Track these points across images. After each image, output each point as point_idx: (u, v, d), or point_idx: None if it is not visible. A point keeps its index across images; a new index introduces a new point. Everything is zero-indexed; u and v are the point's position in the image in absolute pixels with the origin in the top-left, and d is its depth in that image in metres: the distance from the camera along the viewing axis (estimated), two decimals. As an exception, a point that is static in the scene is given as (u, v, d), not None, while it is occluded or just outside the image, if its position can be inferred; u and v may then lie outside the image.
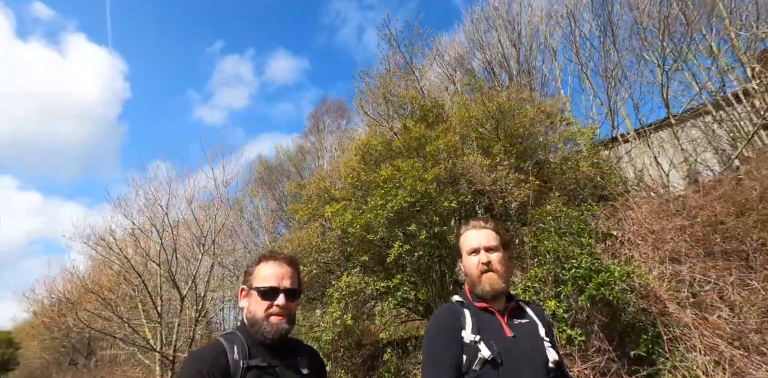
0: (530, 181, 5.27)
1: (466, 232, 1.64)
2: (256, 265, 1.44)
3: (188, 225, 10.96)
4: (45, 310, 15.61)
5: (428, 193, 5.00)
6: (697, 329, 3.73)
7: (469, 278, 1.58)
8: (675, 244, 4.55)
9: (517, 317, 1.55)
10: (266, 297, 1.34)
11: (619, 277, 3.97)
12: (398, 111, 6.81)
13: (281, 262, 1.42)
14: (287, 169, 20.13)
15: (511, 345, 1.43)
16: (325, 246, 5.81)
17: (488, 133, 5.82)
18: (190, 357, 1.28)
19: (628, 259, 4.58)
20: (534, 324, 1.55)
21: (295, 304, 1.41)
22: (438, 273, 5.58)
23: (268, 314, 1.33)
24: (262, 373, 1.27)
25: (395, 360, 6.16)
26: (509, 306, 1.56)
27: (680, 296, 4.03)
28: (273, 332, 1.31)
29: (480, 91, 6.27)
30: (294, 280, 1.41)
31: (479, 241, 1.56)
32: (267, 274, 1.38)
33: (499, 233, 1.61)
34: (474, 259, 1.55)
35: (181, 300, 9.95)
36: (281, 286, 1.36)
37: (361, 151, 6.54)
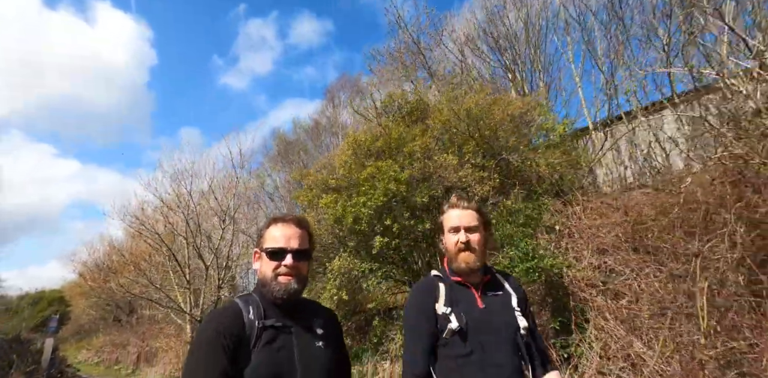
0: (492, 178, 6.16)
1: (449, 210, 1.71)
2: (266, 228, 1.48)
3: (210, 203, 12.31)
4: (89, 272, 17.76)
5: (400, 192, 5.98)
6: (601, 312, 4.68)
7: (447, 254, 1.67)
8: (607, 238, 5.41)
9: (491, 290, 1.65)
10: (274, 257, 1.38)
11: (548, 267, 4.93)
12: (386, 108, 7.65)
13: (290, 223, 1.46)
14: (304, 143, 21.25)
15: (481, 315, 1.54)
16: (320, 232, 6.94)
17: (461, 133, 6.66)
18: (208, 317, 1.36)
19: (565, 249, 5.48)
20: (507, 295, 1.65)
21: (305, 264, 1.44)
22: (413, 257, 6.67)
23: (276, 274, 1.37)
24: (276, 332, 1.33)
25: (381, 326, 7.42)
26: (484, 279, 1.66)
27: (597, 283, 4.96)
28: (282, 291, 1.35)
29: (454, 97, 7.00)
30: (303, 240, 1.44)
31: (460, 221, 1.63)
32: (276, 235, 1.42)
33: (481, 213, 1.69)
34: (453, 238, 1.63)
35: (206, 269, 11.46)
36: (289, 246, 1.39)
37: (352, 146, 7.50)
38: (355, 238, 6.48)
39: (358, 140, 7.47)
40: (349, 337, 8.36)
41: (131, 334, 16.99)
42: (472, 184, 6.13)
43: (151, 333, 14.68)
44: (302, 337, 1.36)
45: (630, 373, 4.04)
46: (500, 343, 1.51)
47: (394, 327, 7.24)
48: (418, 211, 6.33)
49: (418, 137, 6.60)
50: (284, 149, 22.18)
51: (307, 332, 1.39)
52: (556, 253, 5.36)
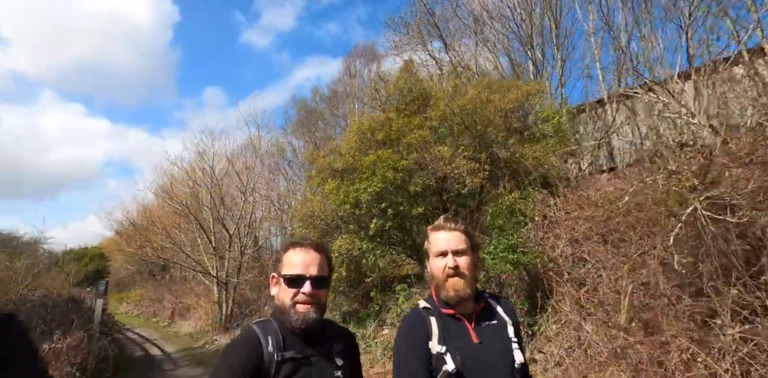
0: (483, 170, 6.76)
1: (435, 233, 1.59)
2: (284, 252, 1.45)
3: (232, 178, 13.30)
4: (125, 231, 19.47)
5: (396, 180, 6.67)
6: (563, 297, 5.38)
7: (435, 281, 1.56)
8: (581, 229, 6.00)
9: (485, 319, 1.55)
10: (292, 284, 1.35)
11: (527, 261, 5.64)
12: (389, 98, 8.16)
13: (308, 248, 1.42)
14: (322, 112, 21.83)
15: (477, 352, 1.45)
16: (325, 214, 7.77)
17: (457, 125, 7.18)
18: (226, 350, 1.32)
19: (542, 238, 6.12)
20: (502, 324, 1.56)
21: (324, 291, 1.41)
22: (411, 236, 7.49)
23: (295, 302, 1.34)
24: (296, 365, 1.30)
25: (381, 297, 8.37)
26: (476, 308, 1.56)
27: (565, 271, 5.63)
28: (301, 321, 1.32)
29: (453, 90, 7.43)
30: (322, 266, 1.41)
31: (447, 244, 1.52)
32: (294, 261, 1.39)
33: (469, 235, 1.58)
34: (441, 262, 1.52)
35: (229, 237, 12.64)
36: (308, 273, 1.36)
37: (357, 133, 8.13)
38: (355, 221, 7.27)
39: (362, 128, 8.09)
40: (356, 303, 9.39)
41: (165, 291, 18.87)
42: (464, 175, 6.75)
43: (183, 291, 16.37)
44: (322, 369, 1.35)
45: (577, 353, 4.80)
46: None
47: (392, 297, 8.16)
48: (412, 197, 7.03)
49: (416, 129, 7.16)
50: (304, 117, 22.82)
51: (326, 362, 1.37)
52: (535, 247, 6.01)
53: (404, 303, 7.21)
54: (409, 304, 7.21)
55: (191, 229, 13.50)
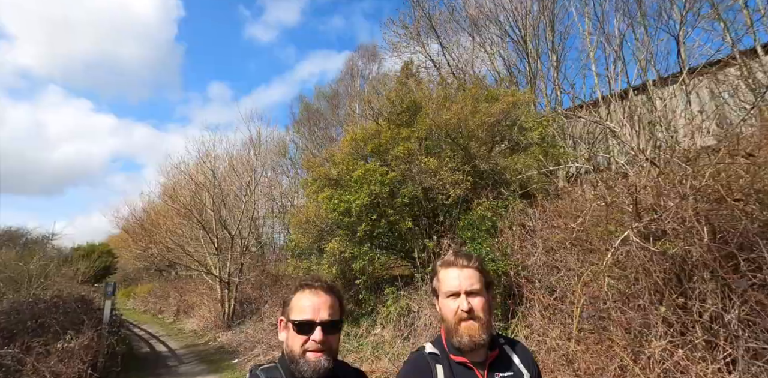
0: (466, 181, 7.20)
1: (445, 270, 1.46)
2: (293, 295, 1.37)
3: (233, 181, 13.83)
4: (132, 228, 20.16)
5: (383, 193, 7.14)
6: (533, 304, 5.85)
7: (445, 324, 1.42)
8: (556, 237, 6.43)
9: (499, 369, 1.41)
10: (302, 331, 1.28)
11: (502, 268, 6.10)
12: (381, 109, 8.60)
13: (318, 291, 1.35)
14: (323, 112, 22.30)
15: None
16: (318, 221, 8.27)
17: (442, 138, 7.62)
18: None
19: (520, 247, 6.57)
20: (519, 376, 1.41)
21: (335, 337, 1.33)
22: (395, 242, 8.00)
23: (305, 350, 1.27)
24: None
25: (372, 297, 8.88)
26: (490, 356, 1.42)
27: (536, 279, 6.09)
28: (311, 371, 1.24)
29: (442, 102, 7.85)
30: (334, 310, 1.33)
31: (460, 284, 1.39)
32: (303, 305, 1.31)
33: (483, 273, 1.45)
34: (453, 304, 1.38)
35: (231, 238, 13.19)
36: (318, 318, 1.28)
37: (350, 143, 8.59)
38: (344, 227, 7.76)
39: (355, 138, 8.55)
40: (351, 304, 9.92)
41: (171, 288, 19.55)
42: (448, 187, 7.20)
43: (188, 289, 17.01)
44: None
45: (540, 356, 5.27)
46: None
47: (380, 300, 8.65)
48: (399, 207, 7.49)
49: (404, 141, 7.61)
50: (306, 116, 23.32)
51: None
52: (506, 256, 6.47)
53: (391, 305, 7.71)
54: (397, 306, 7.72)
55: (194, 229, 14.08)
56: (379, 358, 6.98)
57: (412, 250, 7.61)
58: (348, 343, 8.17)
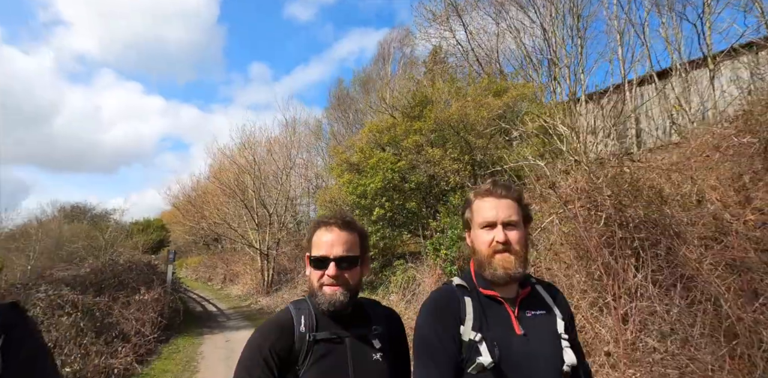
0: (466, 170, 8.45)
1: (480, 200, 1.35)
2: (312, 232, 1.41)
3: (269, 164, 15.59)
4: (182, 206, 22.64)
5: (393, 179, 8.52)
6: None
7: (477, 256, 1.33)
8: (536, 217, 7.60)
9: (530, 308, 1.32)
10: (318, 266, 1.33)
11: None
12: (396, 103, 9.88)
13: (332, 227, 1.36)
14: (355, 98, 23.62)
15: (519, 346, 1.23)
16: (340, 201, 9.80)
17: (447, 131, 8.85)
18: (257, 331, 1.32)
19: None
20: (552, 316, 1.33)
21: (353, 272, 1.33)
22: (404, 223, 9.41)
23: (321, 284, 1.31)
24: (329, 346, 1.28)
25: (387, 269, 10.40)
26: (521, 293, 1.34)
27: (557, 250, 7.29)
28: (328, 303, 1.28)
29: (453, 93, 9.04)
30: (349, 245, 1.34)
31: (497, 214, 1.29)
32: (319, 241, 1.35)
33: (521, 204, 1.34)
34: (487, 236, 1.29)
35: (269, 216, 15.03)
36: (332, 254, 1.31)
37: (368, 134, 9.97)
38: (360, 208, 9.25)
39: (373, 129, 9.92)
40: (371, 274, 11.51)
41: (218, 259, 21.99)
42: (449, 174, 8.49)
43: (232, 260, 19.28)
44: (358, 350, 1.30)
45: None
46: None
47: (393, 271, 10.12)
48: (407, 192, 8.87)
49: (415, 133, 8.90)
50: (340, 100, 24.73)
51: (363, 344, 1.32)
52: None
53: (400, 275, 9.18)
54: (405, 275, 9.17)
55: (237, 206, 16.06)
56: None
57: (418, 229, 9.01)
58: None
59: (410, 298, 8.44)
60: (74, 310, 6.82)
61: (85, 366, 5.87)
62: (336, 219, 1.38)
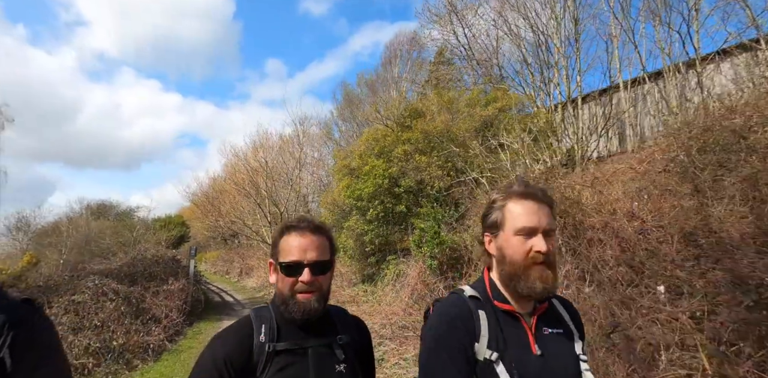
0: (448, 176, 9.68)
1: (518, 201, 1.21)
2: (279, 237, 1.35)
3: (281, 166, 17.01)
4: (201, 203, 24.35)
5: (385, 184, 9.81)
6: (480, 266, 8.25)
7: (507, 267, 1.19)
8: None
9: (548, 325, 1.23)
10: (290, 273, 1.27)
11: (449, 242, 8.63)
12: (388, 114, 11.13)
13: (304, 231, 1.31)
14: (363, 99, 24.87)
15: (536, 368, 1.13)
16: (341, 202, 11.13)
17: (433, 141, 10.08)
18: (213, 340, 1.27)
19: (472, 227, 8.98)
20: (569, 335, 1.25)
21: (326, 277, 1.32)
22: (396, 223, 10.70)
23: (294, 292, 1.26)
24: (290, 357, 1.24)
25: (384, 264, 11.71)
26: (539, 308, 1.24)
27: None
28: (301, 312, 1.25)
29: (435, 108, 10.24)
30: (321, 250, 1.31)
31: (539, 220, 1.16)
32: (290, 246, 1.29)
33: (554, 211, 1.22)
34: (525, 244, 1.16)
35: (280, 214, 16.49)
36: (305, 259, 1.26)
37: (366, 141, 11.26)
38: (357, 209, 10.57)
39: (369, 138, 11.20)
40: (371, 268, 12.85)
41: (235, 254, 23.68)
42: (434, 180, 9.72)
43: (248, 254, 20.89)
44: (321, 361, 1.26)
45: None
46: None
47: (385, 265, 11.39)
48: (398, 196, 10.14)
49: (402, 144, 10.15)
50: (348, 102, 26.02)
51: (327, 354, 1.28)
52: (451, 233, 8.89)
53: (393, 269, 10.48)
54: (397, 269, 10.47)
55: (251, 205, 17.57)
56: (379, 304, 9.87)
57: (407, 228, 10.29)
58: (365, 297, 11.14)
59: (399, 288, 9.74)
60: (116, 296, 8.35)
61: (128, 341, 7.37)
62: (307, 222, 1.35)
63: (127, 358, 7.07)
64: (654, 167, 5.94)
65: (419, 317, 7.56)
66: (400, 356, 6.53)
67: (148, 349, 7.61)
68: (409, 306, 8.39)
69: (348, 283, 12.63)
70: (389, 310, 8.96)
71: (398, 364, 6.33)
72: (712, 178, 5.23)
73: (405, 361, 6.37)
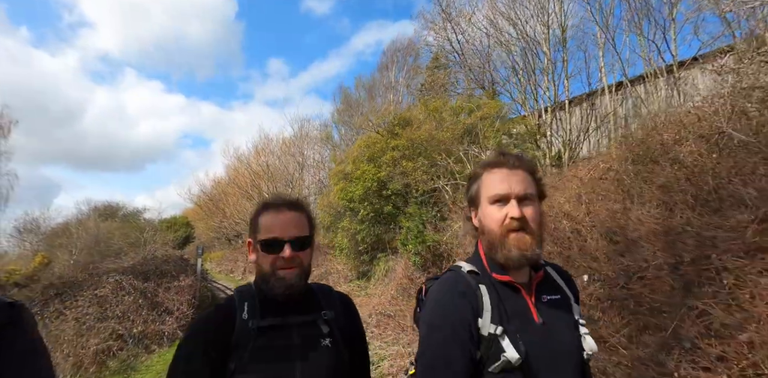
0: (431, 180, 10.76)
1: (490, 171, 1.23)
2: (257, 216, 1.37)
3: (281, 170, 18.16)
4: (204, 204, 25.59)
5: (374, 187, 10.90)
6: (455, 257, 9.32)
7: (487, 237, 1.21)
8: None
9: (546, 292, 1.25)
10: (270, 249, 1.29)
11: (430, 241, 9.70)
12: (380, 122, 12.22)
13: (282, 208, 1.34)
14: (361, 102, 25.97)
15: (539, 337, 1.15)
16: (337, 205, 12.24)
17: (418, 148, 11.16)
18: (196, 320, 1.31)
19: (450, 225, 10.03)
20: (566, 300, 1.28)
21: (306, 252, 1.33)
22: (385, 223, 11.80)
23: (275, 268, 1.28)
24: (275, 333, 1.26)
25: (377, 261, 12.81)
26: (536, 277, 1.25)
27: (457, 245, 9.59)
28: (283, 287, 1.27)
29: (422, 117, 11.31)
30: (301, 226, 1.33)
31: (510, 186, 1.17)
32: (268, 224, 1.32)
33: (535, 177, 1.23)
34: (499, 212, 1.17)
35: (281, 215, 17.71)
36: (285, 236, 1.28)
37: (358, 147, 12.36)
38: (350, 210, 11.66)
39: (361, 145, 12.30)
40: (366, 264, 13.94)
41: (238, 254, 24.86)
42: (418, 184, 10.80)
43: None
44: (305, 337, 1.29)
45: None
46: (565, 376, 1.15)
47: (377, 262, 12.47)
48: (387, 197, 11.23)
49: (391, 151, 11.24)
50: (346, 106, 27.11)
51: (311, 329, 1.31)
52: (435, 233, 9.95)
53: (383, 265, 11.57)
54: (386, 265, 11.56)
55: (254, 206, 18.74)
56: (370, 297, 10.96)
57: (396, 228, 11.39)
58: (359, 292, 12.24)
59: (387, 283, 10.83)
60: (134, 291, 9.51)
61: (146, 329, 8.52)
62: (283, 200, 1.38)
63: (145, 343, 8.22)
64: (596, 175, 7.00)
65: (402, 307, 8.66)
66: (382, 339, 7.62)
67: (163, 336, 8.75)
68: (393, 298, 9.46)
69: (344, 280, 13.73)
70: (377, 301, 10.04)
71: (380, 346, 7.41)
72: (639, 186, 6.29)
73: (386, 343, 7.46)
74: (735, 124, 5.76)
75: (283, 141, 19.22)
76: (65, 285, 9.69)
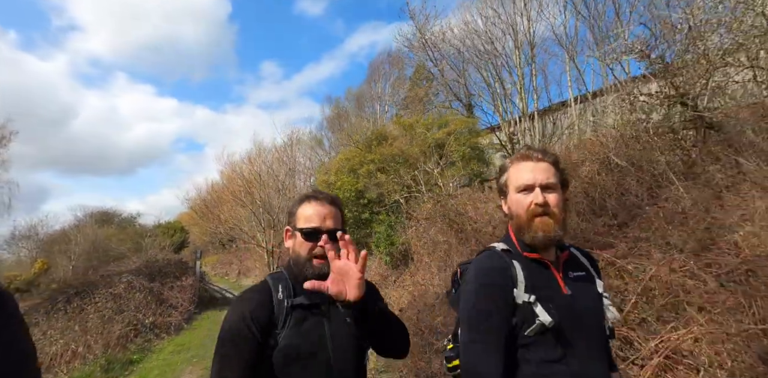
0: (402, 190, 12.57)
1: (518, 164, 1.45)
2: (298, 206, 1.54)
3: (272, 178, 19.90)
4: (199, 209, 27.27)
5: (352, 197, 12.70)
6: (421, 262, 11.14)
7: (515, 221, 1.44)
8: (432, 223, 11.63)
9: (572, 269, 1.46)
10: (309, 238, 1.45)
11: (398, 243, 11.48)
12: (359, 137, 14.00)
13: (323, 201, 1.52)
14: (349, 113, 27.79)
15: (567, 305, 1.34)
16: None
17: (390, 162, 12.96)
18: (237, 300, 1.45)
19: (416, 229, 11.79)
20: (590, 277, 1.48)
21: (337, 246, 1.41)
22: (363, 227, 13.59)
23: (311, 256, 1.45)
24: (306, 311, 1.42)
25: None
26: (562, 256, 1.47)
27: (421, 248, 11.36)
28: (315, 275, 1.41)
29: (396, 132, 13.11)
30: (337, 220, 1.53)
31: (535, 177, 1.39)
32: (309, 214, 1.48)
33: (559, 168, 1.45)
34: (525, 199, 1.39)
35: (272, 220, 19.39)
36: (324, 226, 1.46)
37: (339, 160, 14.15)
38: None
39: (341, 158, 14.10)
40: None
41: (233, 257, 26.63)
42: (391, 193, 12.60)
43: (245, 257, 23.82)
44: (333, 316, 1.45)
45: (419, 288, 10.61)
46: (591, 345, 1.35)
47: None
48: (363, 206, 13.03)
49: (367, 164, 13.03)
50: (336, 115, 28.93)
51: (337, 309, 1.44)
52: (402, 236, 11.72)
53: (362, 265, 13.31)
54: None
55: (247, 212, 20.45)
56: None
57: (371, 233, 13.21)
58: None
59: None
60: (143, 289, 11.27)
61: (156, 320, 10.28)
62: (325, 194, 1.58)
63: (156, 331, 9.98)
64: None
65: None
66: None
67: (170, 326, 10.51)
68: (367, 292, 11.22)
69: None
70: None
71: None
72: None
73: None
74: (618, 151, 7.60)
75: (275, 149, 20.96)
76: (83, 285, 11.44)
